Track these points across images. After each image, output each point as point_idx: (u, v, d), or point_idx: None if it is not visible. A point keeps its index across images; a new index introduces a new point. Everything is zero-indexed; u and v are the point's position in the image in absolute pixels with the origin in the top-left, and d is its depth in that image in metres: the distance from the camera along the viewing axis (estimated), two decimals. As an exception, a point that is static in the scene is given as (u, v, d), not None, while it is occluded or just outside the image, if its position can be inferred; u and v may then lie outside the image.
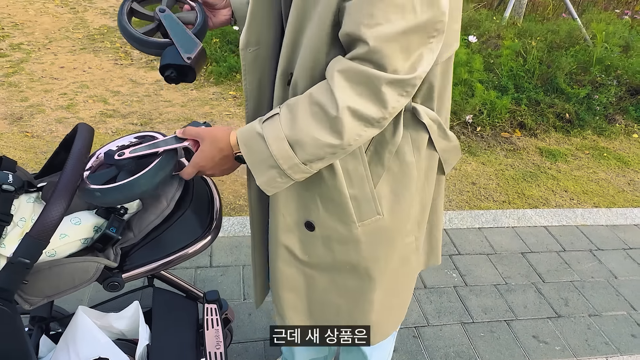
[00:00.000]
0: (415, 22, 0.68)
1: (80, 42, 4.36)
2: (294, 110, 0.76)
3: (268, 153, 0.77)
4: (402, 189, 0.91)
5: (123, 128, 3.01)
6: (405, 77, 0.71)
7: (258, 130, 0.78)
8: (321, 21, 0.73)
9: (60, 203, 0.74)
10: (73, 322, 1.12)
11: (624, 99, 3.72)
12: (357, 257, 0.95)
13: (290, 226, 0.95)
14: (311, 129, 0.74)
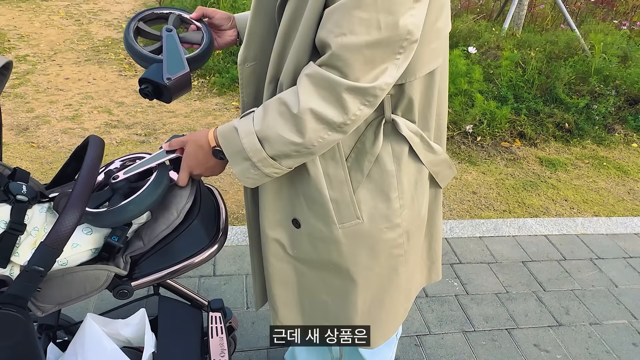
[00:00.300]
0: (378, 37, 0.72)
1: (85, 53, 4.42)
2: (266, 108, 0.82)
3: (241, 146, 0.83)
4: (383, 196, 0.94)
5: (127, 138, 3.05)
6: (365, 86, 0.75)
7: (235, 124, 0.85)
8: (305, 29, 0.77)
9: (74, 213, 0.77)
10: (82, 329, 1.14)
11: (622, 108, 3.76)
12: (338, 258, 0.99)
13: (279, 221, 0.99)
14: (277, 126, 0.80)
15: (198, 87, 3.88)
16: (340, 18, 0.72)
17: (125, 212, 0.87)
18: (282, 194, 0.97)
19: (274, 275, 1.08)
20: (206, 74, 4.00)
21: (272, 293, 1.12)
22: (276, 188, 0.96)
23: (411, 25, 0.73)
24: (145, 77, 0.93)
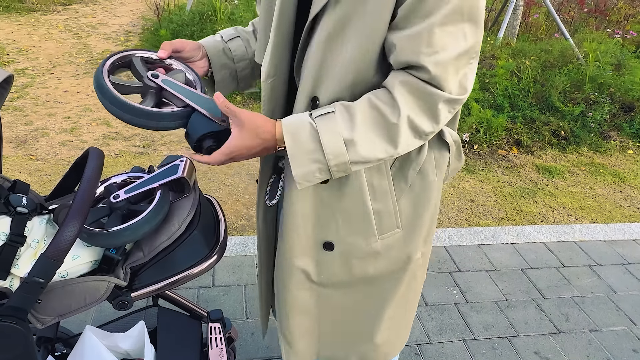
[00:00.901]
0: (465, 47, 0.75)
1: (84, 66, 4.44)
2: (350, 111, 0.78)
3: (315, 146, 0.77)
4: (422, 206, 0.95)
5: (126, 150, 3.06)
6: (458, 98, 0.78)
7: (310, 121, 0.78)
8: (366, 47, 0.76)
9: (74, 224, 0.78)
10: (80, 342, 1.14)
11: (617, 116, 3.79)
12: (373, 272, 0.99)
13: (306, 249, 0.96)
14: (369, 132, 0.77)
15: (196, 98, 3.90)
16: (430, 37, 0.73)
17: (121, 237, 0.88)
18: (313, 218, 0.93)
19: (293, 304, 1.05)
20: (204, 85, 4.02)
21: (288, 323, 1.09)
22: (307, 212, 0.92)
23: (482, 27, 0.78)
24: (203, 132, 0.80)
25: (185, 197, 0.97)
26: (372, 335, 1.10)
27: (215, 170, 2.87)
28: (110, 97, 0.81)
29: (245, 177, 2.82)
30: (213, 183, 2.75)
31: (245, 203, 2.58)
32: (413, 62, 0.75)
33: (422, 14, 0.72)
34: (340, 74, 0.78)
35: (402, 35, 0.74)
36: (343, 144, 0.76)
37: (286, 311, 1.07)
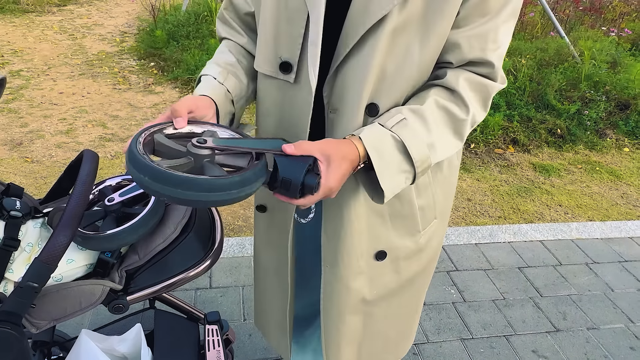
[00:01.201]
0: (510, 40, 0.81)
1: (79, 67, 4.43)
2: (422, 115, 0.77)
3: (402, 157, 0.75)
4: (450, 191, 0.99)
5: (122, 152, 3.05)
6: (503, 87, 0.83)
7: (391, 133, 0.75)
8: (432, 49, 0.77)
9: (68, 228, 0.77)
10: (76, 345, 1.13)
11: (613, 113, 3.80)
12: (417, 268, 1.01)
13: (361, 266, 0.95)
14: (443, 132, 0.79)
15: (192, 99, 3.89)
16: (496, 34, 0.77)
17: (116, 240, 0.87)
18: (366, 231, 0.91)
19: (347, 333, 1.04)
20: (200, 86, 4.01)
21: (339, 353, 1.08)
22: (362, 227, 0.90)
23: None
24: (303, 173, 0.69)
25: (181, 199, 0.97)
26: (410, 333, 1.14)
27: (212, 171, 2.86)
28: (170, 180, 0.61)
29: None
30: (210, 184, 2.74)
31: (242, 204, 2.58)
32: (479, 58, 0.78)
33: (486, 12, 0.75)
34: (404, 79, 0.78)
35: (469, 33, 0.76)
36: (427, 150, 0.77)
37: (338, 342, 1.06)
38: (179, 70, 4.22)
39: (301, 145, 0.71)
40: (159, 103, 3.80)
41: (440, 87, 0.81)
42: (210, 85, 0.86)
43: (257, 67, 0.88)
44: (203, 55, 4.26)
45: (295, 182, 0.68)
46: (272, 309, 1.20)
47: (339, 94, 0.81)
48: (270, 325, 1.26)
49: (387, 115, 0.78)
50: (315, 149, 0.71)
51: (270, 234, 1.06)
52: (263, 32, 0.85)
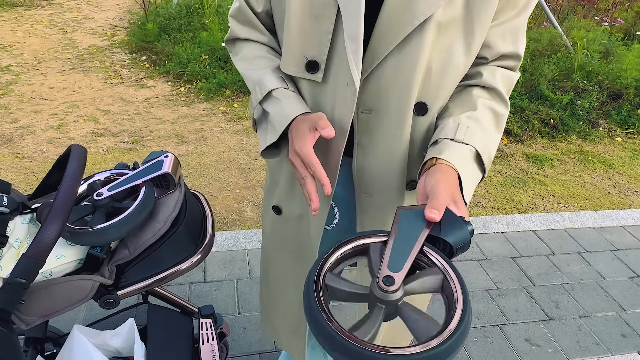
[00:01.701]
0: None
1: (70, 62, 4.38)
2: (478, 120, 0.79)
3: (476, 166, 0.76)
4: None
5: (114, 147, 3.02)
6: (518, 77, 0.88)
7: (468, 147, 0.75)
8: (474, 46, 0.77)
9: (56, 223, 0.76)
10: (69, 341, 1.13)
11: (606, 103, 3.82)
12: None
13: None
14: (492, 132, 0.80)
15: (185, 93, 3.87)
16: (524, 27, 0.81)
17: (105, 235, 0.87)
18: None
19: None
20: (193, 79, 3.98)
21: None
22: None
23: None
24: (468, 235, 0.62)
25: (171, 193, 0.96)
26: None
27: (206, 165, 2.85)
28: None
29: (235, 172, 2.80)
30: (203, 178, 2.73)
31: (235, 198, 2.57)
32: (512, 52, 0.81)
33: (516, 6, 0.76)
34: (450, 76, 0.78)
35: (503, 27, 0.78)
36: (488, 152, 0.78)
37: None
38: (171, 64, 4.18)
39: (439, 204, 0.63)
40: (151, 97, 3.77)
41: (480, 87, 0.82)
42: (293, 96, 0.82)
43: (283, 69, 0.83)
44: (195, 49, 4.23)
45: (468, 241, 0.62)
46: (286, 315, 1.17)
47: (375, 93, 0.78)
48: (282, 330, 1.23)
49: (449, 127, 0.77)
50: (447, 199, 0.65)
51: (286, 239, 1.04)
52: (287, 30, 0.79)
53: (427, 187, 0.68)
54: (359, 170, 0.86)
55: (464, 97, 0.81)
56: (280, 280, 1.13)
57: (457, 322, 0.52)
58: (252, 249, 2.15)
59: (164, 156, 0.97)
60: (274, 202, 1.01)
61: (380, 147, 0.82)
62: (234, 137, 3.21)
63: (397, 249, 0.58)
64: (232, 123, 3.42)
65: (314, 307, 0.53)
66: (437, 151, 0.74)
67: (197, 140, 3.16)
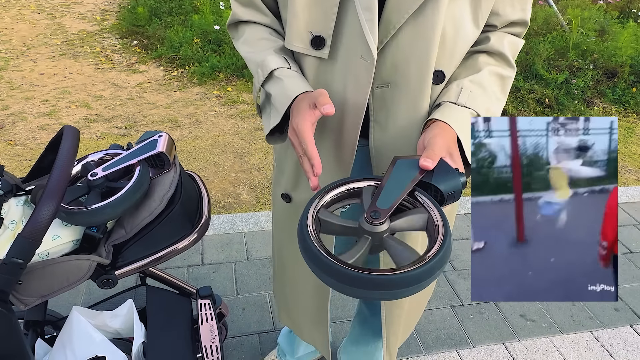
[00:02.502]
0: None
1: (60, 47, 4.31)
2: (481, 84, 0.78)
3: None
4: None
5: (107, 132, 3.00)
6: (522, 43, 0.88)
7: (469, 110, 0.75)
8: (478, 17, 0.77)
9: (51, 203, 0.76)
10: (68, 322, 1.13)
11: (600, 82, 3.81)
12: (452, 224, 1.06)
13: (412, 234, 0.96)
14: (497, 96, 0.80)
15: (178, 77, 3.82)
16: None
17: (101, 215, 0.86)
18: None
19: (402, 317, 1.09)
20: (185, 63, 3.94)
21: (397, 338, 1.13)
22: None
23: None
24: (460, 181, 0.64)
25: (166, 172, 0.96)
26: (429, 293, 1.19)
27: (201, 150, 2.84)
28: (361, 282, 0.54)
29: (230, 156, 2.79)
30: (198, 162, 2.72)
31: (231, 181, 2.57)
32: (520, 19, 0.81)
33: None
34: (463, 41, 0.78)
35: None
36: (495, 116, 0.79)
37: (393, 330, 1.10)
38: (162, 48, 4.13)
39: (434, 153, 0.65)
40: (143, 82, 3.73)
41: (487, 53, 0.82)
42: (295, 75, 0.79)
43: (287, 45, 0.81)
44: (187, 32, 4.17)
45: (459, 190, 0.65)
46: (306, 306, 1.15)
47: (391, 65, 0.76)
48: (304, 323, 1.21)
49: (453, 91, 0.77)
50: (443, 151, 0.67)
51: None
52: (291, 6, 0.77)
53: (424, 141, 0.70)
54: (376, 150, 0.84)
55: (470, 62, 0.81)
56: (296, 269, 1.11)
57: (437, 249, 0.56)
58: (249, 232, 2.16)
59: (157, 136, 0.96)
60: (282, 191, 1.00)
61: (399, 122, 0.80)
62: (229, 121, 3.19)
63: (388, 190, 0.63)
64: (227, 107, 3.39)
65: (305, 235, 0.58)
66: (439, 114, 0.75)
67: (192, 124, 3.14)
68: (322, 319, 1.13)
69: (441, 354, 1.67)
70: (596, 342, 1.76)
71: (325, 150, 0.85)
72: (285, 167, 0.96)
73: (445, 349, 1.69)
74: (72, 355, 1.08)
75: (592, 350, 1.73)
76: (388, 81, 0.77)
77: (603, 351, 1.73)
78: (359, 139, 0.82)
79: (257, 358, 1.60)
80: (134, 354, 1.17)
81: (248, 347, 1.65)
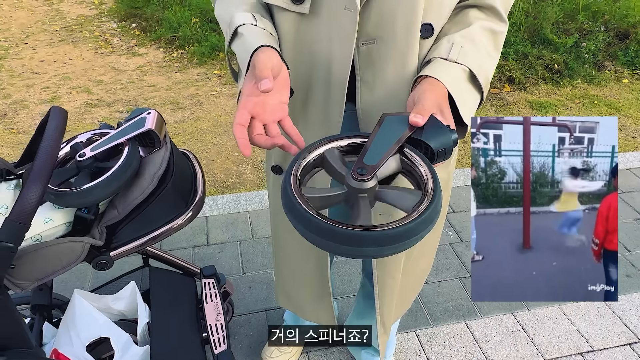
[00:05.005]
0: None
1: (58, 34, 4.27)
2: (472, 39, 0.74)
3: (472, 86, 0.73)
4: None
5: (109, 117, 2.98)
6: None
7: (461, 67, 0.72)
8: None
9: (38, 185, 0.74)
10: (70, 306, 1.13)
11: (612, 44, 3.68)
12: (446, 199, 1.01)
13: None
14: (488, 51, 0.76)
15: (178, 58, 3.77)
16: None
17: (91, 195, 0.85)
18: None
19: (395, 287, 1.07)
20: (185, 44, 3.88)
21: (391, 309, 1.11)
22: None
23: None
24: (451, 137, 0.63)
25: (157, 151, 0.93)
26: (428, 270, 1.16)
27: (203, 130, 2.81)
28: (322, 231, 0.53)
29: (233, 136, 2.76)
30: (201, 143, 2.70)
31: (234, 161, 2.55)
32: None
33: None
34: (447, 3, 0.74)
35: None
36: (484, 71, 0.74)
37: (386, 301, 1.08)
38: (161, 30, 4.06)
39: (424, 109, 0.63)
40: (143, 65, 3.69)
41: (477, 7, 0.77)
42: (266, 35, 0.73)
43: (266, 0, 0.76)
44: (185, 12, 4.09)
45: (450, 147, 0.62)
46: (307, 281, 1.12)
47: (377, 19, 0.72)
48: (305, 301, 1.19)
49: (443, 47, 0.73)
50: (433, 107, 0.64)
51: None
52: None
53: (414, 97, 0.67)
54: (364, 112, 0.80)
55: (460, 17, 0.77)
56: (294, 245, 1.08)
57: (427, 204, 0.54)
58: (253, 211, 2.15)
59: (146, 113, 0.93)
60: (273, 163, 0.97)
61: (388, 81, 0.76)
62: (230, 101, 3.15)
63: (375, 146, 0.60)
64: (228, 86, 3.35)
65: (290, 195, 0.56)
66: (429, 70, 0.71)
67: (193, 105, 3.10)
68: (325, 292, 1.11)
69: (449, 326, 1.66)
70: (607, 309, 1.73)
71: (312, 112, 0.82)
72: None
73: (453, 321, 1.68)
74: (76, 338, 1.09)
75: (604, 317, 1.70)
76: (374, 36, 0.73)
77: (614, 317, 1.70)
78: (346, 104, 0.78)
79: (265, 335, 1.61)
80: (139, 334, 1.17)
81: (255, 324, 1.65)
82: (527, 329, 1.65)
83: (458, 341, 1.61)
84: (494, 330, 1.64)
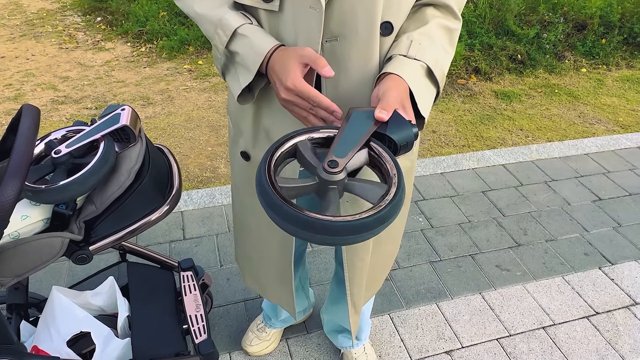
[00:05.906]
0: None
1: (19, 28, 4.13)
2: (430, 36, 0.79)
3: (429, 81, 0.78)
4: None
5: (77, 114, 2.93)
6: None
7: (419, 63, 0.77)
8: None
9: (14, 183, 0.75)
10: (49, 303, 1.14)
11: (571, 35, 3.84)
12: (410, 186, 1.05)
13: None
14: (445, 48, 0.81)
15: (146, 53, 3.71)
16: None
17: (68, 191, 0.86)
18: None
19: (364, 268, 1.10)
20: (153, 38, 3.82)
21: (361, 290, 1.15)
22: None
23: None
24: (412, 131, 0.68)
25: (132, 146, 0.95)
26: (396, 250, 1.19)
27: (175, 126, 2.80)
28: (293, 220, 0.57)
29: (205, 130, 2.76)
30: (173, 138, 2.69)
31: (208, 155, 2.55)
32: None
33: None
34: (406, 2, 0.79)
35: None
36: (440, 67, 0.80)
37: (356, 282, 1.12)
38: (128, 24, 3.99)
39: (388, 105, 0.68)
40: (110, 60, 3.62)
41: (433, 5, 0.82)
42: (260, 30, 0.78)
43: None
44: (152, 5, 4.02)
45: (412, 140, 0.68)
46: (270, 264, 1.15)
47: (340, 18, 0.75)
48: (268, 283, 1.22)
49: (403, 44, 0.78)
50: (396, 103, 0.70)
51: None
52: None
53: (379, 93, 0.72)
54: None
55: (418, 15, 0.82)
56: (257, 229, 1.11)
57: (393, 196, 0.60)
58: (229, 204, 2.17)
59: (120, 109, 0.95)
60: (241, 149, 1.00)
61: (351, 77, 0.81)
62: (202, 95, 3.14)
63: (344, 140, 0.65)
64: (199, 81, 3.33)
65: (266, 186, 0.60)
66: (392, 67, 0.76)
67: (164, 100, 3.08)
68: (286, 277, 1.14)
69: (422, 307, 1.74)
70: (567, 285, 1.85)
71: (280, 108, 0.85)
72: (243, 126, 0.96)
73: (425, 303, 1.75)
74: (56, 334, 1.10)
75: (564, 293, 1.82)
76: (337, 34, 0.77)
77: (573, 293, 1.82)
78: None
79: (244, 324, 1.64)
80: (119, 327, 1.19)
81: (235, 314, 1.69)
82: (494, 307, 1.74)
83: (430, 322, 1.69)
84: (463, 310, 1.73)
